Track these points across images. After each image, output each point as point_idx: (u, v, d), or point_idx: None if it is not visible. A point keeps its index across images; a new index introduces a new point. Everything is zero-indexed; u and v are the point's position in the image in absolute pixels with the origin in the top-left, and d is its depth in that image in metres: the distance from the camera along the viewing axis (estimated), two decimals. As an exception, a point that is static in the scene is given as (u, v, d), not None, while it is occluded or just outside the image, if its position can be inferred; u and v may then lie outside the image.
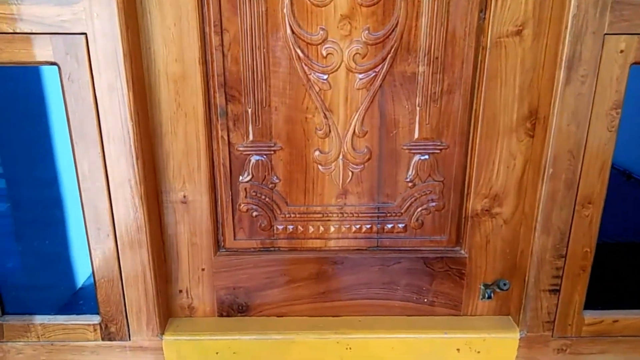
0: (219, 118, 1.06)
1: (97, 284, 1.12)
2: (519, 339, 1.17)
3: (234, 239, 1.17)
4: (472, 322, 1.21)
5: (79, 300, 1.26)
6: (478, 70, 1.02)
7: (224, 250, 1.17)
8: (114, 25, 0.90)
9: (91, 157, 1.00)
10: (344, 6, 0.98)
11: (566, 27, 0.91)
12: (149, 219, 1.07)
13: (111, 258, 1.09)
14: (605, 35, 0.91)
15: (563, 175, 1.02)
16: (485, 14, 0.98)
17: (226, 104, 1.05)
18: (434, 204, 1.14)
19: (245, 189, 1.13)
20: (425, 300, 1.21)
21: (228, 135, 1.08)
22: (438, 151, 1.09)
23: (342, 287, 1.20)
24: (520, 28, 0.98)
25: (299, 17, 0.98)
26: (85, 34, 0.91)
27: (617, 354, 1.19)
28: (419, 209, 1.14)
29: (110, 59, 0.93)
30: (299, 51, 1.01)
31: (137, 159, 1.00)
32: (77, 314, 1.18)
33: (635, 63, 0.93)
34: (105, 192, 1.03)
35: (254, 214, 1.15)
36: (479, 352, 1.18)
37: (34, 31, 0.91)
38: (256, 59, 1.01)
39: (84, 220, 1.06)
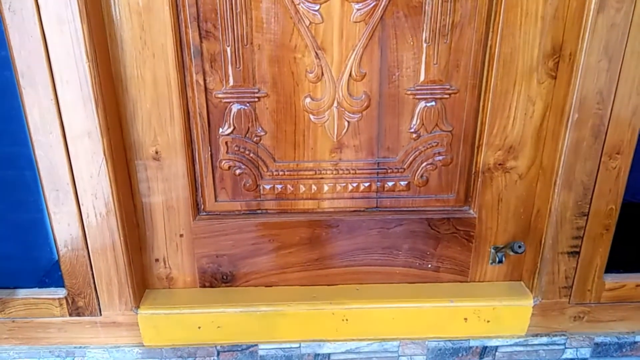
0: (192, 59, 0.91)
1: (59, 254, 0.99)
2: (533, 307, 1.06)
3: (215, 201, 1.03)
4: (480, 288, 1.10)
5: (56, 272, 1.13)
6: (495, -3, 0.87)
7: (204, 213, 1.04)
8: (60, -61, 0.75)
9: (43, 104, 0.85)
10: None
11: (603, -59, 0.77)
12: (116, 178, 0.93)
13: (74, 224, 0.95)
14: (650, -50, 0.77)
15: (589, 122, 0.89)
16: None
17: (200, 41, 0.90)
18: (440, 157, 1.01)
19: (227, 143, 0.98)
20: (430, 265, 1.09)
21: (204, 80, 0.93)
22: (447, 96, 0.95)
23: (337, 252, 1.07)
24: (546, -55, 0.83)
25: None
26: (24, -51, 0.75)
27: (639, 321, 1.09)
28: (424, 164, 1.01)
29: (58, -16, 0.77)
30: (285, -24, 0.86)
31: (97, 105, 0.85)
32: (41, 287, 1.05)
33: (682, -16, 0.79)
34: (62, 146, 0.89)
35: (237, 171, 1.01)
36: (488, 321, 1.07)
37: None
38: (235, -14, 0.86)
39: (39, 179, 0.92)
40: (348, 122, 0.98)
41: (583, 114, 0.88)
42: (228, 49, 0.91)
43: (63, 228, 0.96)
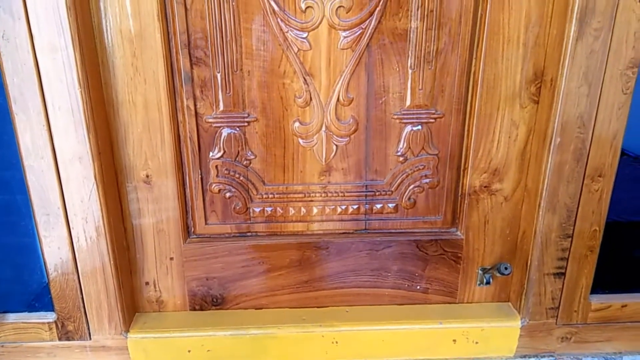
0: (183, 84, 0.93)
1: (49, 278, 0.99)
2: (520, 328, 1.07)
3: (206, 224, 1.04)
4: (469, 310, 1.11)
5: (46, 296, 1.13)
6: (478, 25, 0.90)
7: (194, 236, 1.05)
8: (54, -29, 0.77)
9: (35, 129, 0.86)
10: (324, -48, 0.85)
11: (579, -28, 0.80)
12: (106, 202, 0.93)
13: (64, 247, 0.96)
14: (624, -19, 0.80)
15: (571, 146, 0.91)
16: (485, -40, 0.86)
17: (191, 67, 0.92)
18: (427, 180, 1.02)
19: (217, 166, 1.00)
20: (418, 287, 1.10)
21: (195, 105, 0.95)
22: (432, 120, 0.98)
23: (327, 274, 1.08)
24: (526, -24, 0.86)
25: (273, -36, 0.85)
26: (19, -19, 0.77)
27: (625, 342, 1.10)
28: (411, 187, 1.03)
29: (52, 13, 0.79)
30: (273, 4, 0.88)
31: (88, 131, 0.87)
32: (30, 311, 1.05)
33: (656, 14, 0.82)
34: (54, 170, 0.89)
35: (227, 195, 1.02)
36: (477, 342, 1.08)
37: (-44, -22, 0.76)
38: (224, 14, 0.88)
39: (31, 204, 0.92)
40: (336, 145, 0.99)
41: (565, 138, 0.90)
42: (218, 75, 0.93)
43: (53, 252, 0.96)
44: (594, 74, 0.86)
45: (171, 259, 1.05)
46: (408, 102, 0.96)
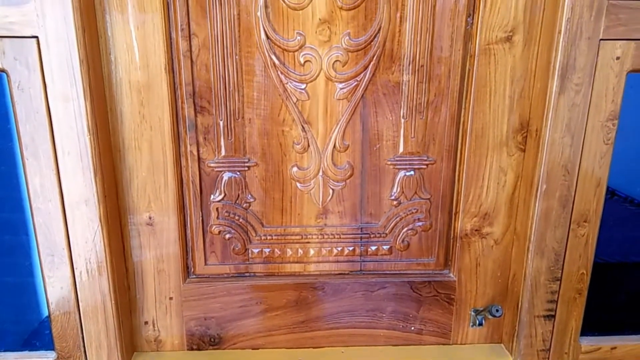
0: (187, 131, 0.97)
1: (51, 317, 1.01)
2: (513, 369, 1.09)
3: (205, 264, 1.07)
4: (462, 351, 1.12)
5: (45, 331, 1.14)
6: (466, 79, 0.96)
7: (193, 276, 1.07)
8: (69, 27, 0.82)
9: (44, 173, 0.90)
10: (322, 9, 0.91)
11: (559, 32, 0.85)
12: (109, 243, 0.96)
13: (67, 287, 0.98)
14: (601, 41, 0.86)
15: (557, 192, 0.95)
16: (472, 19, 0.92)
17: (195, 115, 0.96)
18: (420, 223, 1.06)
19: (217, 209, 1.03)
20: (412, 328, 1.12)
21: (198, 150, 0.99)
22: (424, 166, 1.02)
23: (323, 315, 1.10)
24: (510, 34, 0.92)
25: (274, 21, 0.91)
26: (36, 37, 0.82)
27: (617, 384, 1.11)
28: (405, 229, 1.06)
29: (65, 66, 0.84)
30: (274, 58, 0.93)
31: (95, 175, 0.90)
32: (31, 349, 1.06)
33: (632, 71, 0.88)
34: (60, 213, 0.93)
35: (227, 236, 1.05)
36: (471, 384, 1.09)
37: (-23, 34, 0.82)
38: (228, 67, 0.93)
39: (37, 245, 0.95)
40: (333, 189, 1.03)
41: (551, 185, 0.94)
42: (221, 123, 0.97)
43: (56, 291, 0.99)
44: (576, 126, 0.91)
45: (170, 298, 1.07)
46: (401, 149, 1.01)
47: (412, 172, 1.03)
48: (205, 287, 1.07)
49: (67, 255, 0.96)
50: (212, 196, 1.03)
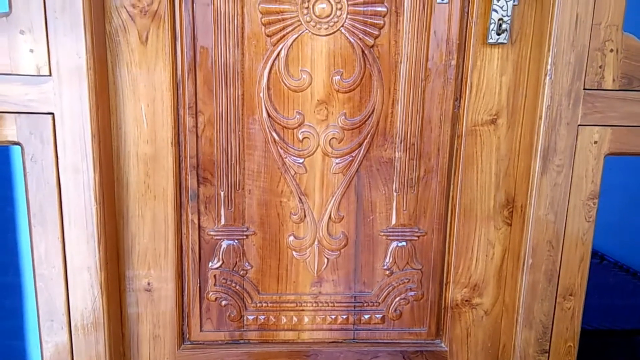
0: (189, 201, 1.02)
1: (45, 382, 1.02)
2: None
3: (200, 331, 1.09)
4: (454, 422, 1.13)
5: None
6: (454, 157, 1.02)
7: (188, 343, 1.09)
8: (84, 104, 0.88)
9: (49, 240, 0.94)
10: (320, 91, 0.98)
11: (540, 118, 0.92)
12: (108, 310, 0.98)
13: (64, 352, 0.99)
14: (579, 126, 0.92)
15: (543, 267, 0.99)
16: (459, 102, 0.99)
17: (198, 186, 1.01)
18: (412, 293, 1.09)
19: (215, 276, 1.06)
20: (405, 397, 1.13)
21: (199, 219, 1.03)
22: (416, 238, 1.06)
23: (315, 383, 1.11)
24: (495, 117, 0.99)
25: (275, 101, 0.98)
26: (52, 113, 0.88)
27: None
28: (397, 299, 1.09)
29: (78, 140, 0.89)
30: (274, 134, 0.99)
31: (99, 243, 0.94)
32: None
33: (609, 154, 0.94)
34: (62, 279, 0.95)
35: (223, 302, 1.08)
36: None
37: (-2, 110, 0.87)
38: (231, 141, 0.99)
39: (37, 310, 0.97)
40: (327, 258, 1.07)
41: (536, 260, 0.99)
42: (222, 193, 1.02)
43: (53, 357, 0.99)
44: (558, 204, 0.96)
45: (165, 364, 1.08)
46: (393, 221, 1.05)
47: (404, 243, 1.07)
48: (200, 354, 1.08)
49: (65, 321, 0.97)
50: (210, 263, 1.06)
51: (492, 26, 0.92)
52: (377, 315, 1.10)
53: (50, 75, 0.86)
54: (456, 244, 1.05)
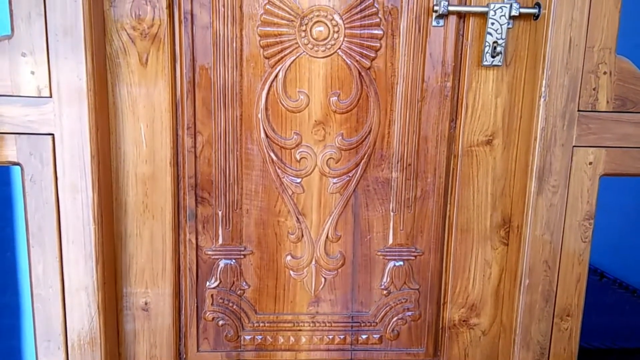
0: (187, 220, 1.02)
1: (41, 402, 1.01)
2: None
3: (197, 351, 1.08)
4: None
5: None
6: (450, 177, 1.02)
7: (185, 362, 1.09)
8: (84, 125, 0.89)
9: (47, 260, 0.94)
10: (318, 112, 0.99)
11: (535, 139, 0.93)
12: (105, 330, 0.98)
13: (59, 372, 0.99)
14: (574, 148, 0.93)
15: (540, 287, 1.00)
16: (455, 123, 1.00)
17: (196, 206, 1.02)
18: (410, 313, 1.09)
19: (212, 295, 1.06)
20: (403, 419, 1.12)
21: (196, 238, 1.03)
22: (413, 257, 1.07)
23: (313, 404, 1.10)
24: (491, 138, 1.00)
25: (273, 121, 0.99)
26: (52, 134, 0.89)
27: None
28: (395, 319, 1.09)
29: (77, 160, 0.90)
30: (272, 154, 1.00)
31: (97, 263, 0.94)
32: None
33: (604, 175, 0.94)
34: (60, 299, 0.95)
35: (220, 322, 1.08)
36: None
37: (-1, 130, 0.88)
38: (229, 161, 1.00)
39: (34, 330, 0.97)
40: (325, 278, 1.07)
41: (533, 280, 0.99)
42: (220, 213, 1.03)
43: (48, 377, 0.99)
44: (554, 224, 0.96)
45: (161, 385, 1.08)
46: (391, 241, 1.06)
47: (401, 263, 1.07)
48: (197, 374, 1.08)
49: (62, 342, 0.97)
50: (207, 283, 1.06)
51: (486, 49, 0.93)
52: (375, 336, 1.10)
53: (50, 96, 0.87)
54: (453, 263, 1.05)
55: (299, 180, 1.02)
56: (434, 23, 0.95)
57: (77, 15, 0.85)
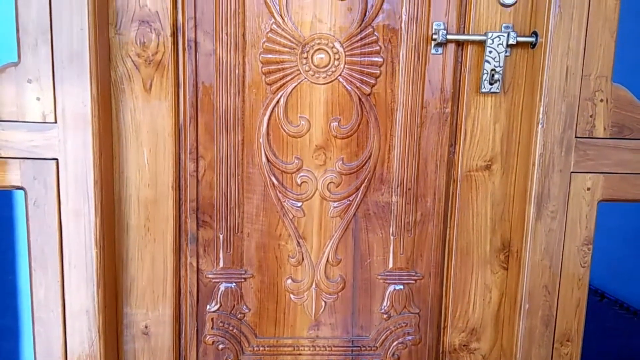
0: (189, 244, 1.03)
1: None
2: None
3: (197, 374, 1.08)
4: None
5: None
6: (450, 201, 1.03)
7: (185, 386, 1.08)
8: (88, 151, 0.90)
9: (49, 284, 0.94)
10: (319, 137, 1.00)
11: (534, 164, 0.94)
12: (105, 353, 0.98)
13: (58, 396, 0.99)
14: (572, 174, 0.94)
15: (539, 312, 1.00)
16: (454, 148, 1.01)
17: (197, 229, 1.02)
18: (410, 337, 1.09)
19: (212, 319, 1.06)
20: None
21: (197, 262, 1.04)
22: (413, 281, 1.07)
23: None
24: (489, 163, 1.01)
25: (274, 146, 1.00)
26: (56, 159, 0.90)
27: None
28: (395, 343, 1.09)
29: (80, 185, 0.91)
30: (273, 179, 1.01)
31: (98, 286, 0.95)
32: None
33: (602, 200, 0.95)
34: (60, 323, 0.96)
35: (220, 346, 1.07)
36: None
37: (3, 155, 0.89)
38: (230, 185, 1.01)
39: (34, 353, 0.97)
40: (325, 302, 1.07)
41: (533, 305, 0.99)
42: (221, 236, 1.03)
43: (47, 401, 0.99)
44: (553, 249, 0.97)
45: (160, 409, 1.07)
46: (391, 265, 1.06)
47: (401, 287, 1.07)
48: (196, 398, 1.07)
49: (62, 365, 0.97)
50: (208, 306, 1.06)
51: (484, 76, 0.95)
52: (375, 360, 1.10)
53: (55, 122, 0.89)
54: (453, 287, 1.05)
55: (299, 204, 1.03)
56: (433, 51, 0.97)
57: (83, 42, 0.87)
